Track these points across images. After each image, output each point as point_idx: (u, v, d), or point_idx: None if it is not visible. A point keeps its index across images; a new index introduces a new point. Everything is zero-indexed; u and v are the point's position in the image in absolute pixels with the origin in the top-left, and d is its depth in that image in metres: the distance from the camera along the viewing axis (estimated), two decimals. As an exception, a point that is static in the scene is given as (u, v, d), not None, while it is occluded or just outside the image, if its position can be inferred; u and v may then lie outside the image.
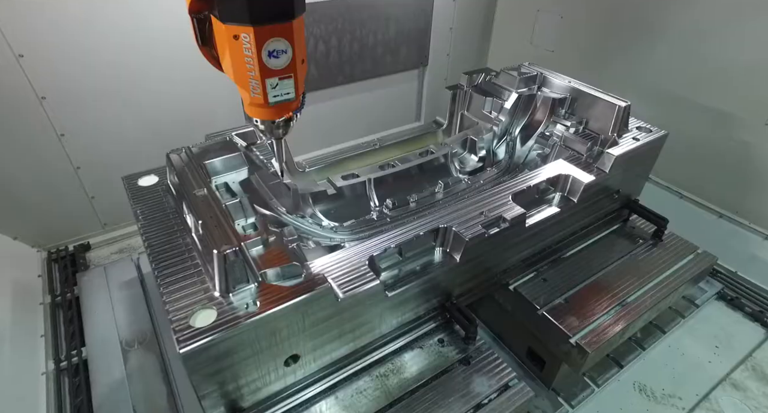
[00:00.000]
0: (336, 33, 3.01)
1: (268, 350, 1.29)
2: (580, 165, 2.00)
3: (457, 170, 2.28)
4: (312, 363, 1.46)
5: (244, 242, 1.40)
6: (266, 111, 1.40)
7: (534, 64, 2.45)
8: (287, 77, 1.36)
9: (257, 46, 1.24)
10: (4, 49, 2.10)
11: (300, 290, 1.27)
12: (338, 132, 3.50)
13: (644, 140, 2.06)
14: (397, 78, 3.58)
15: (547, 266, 2.10)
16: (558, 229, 2.04)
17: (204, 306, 1.19)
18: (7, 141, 2.32)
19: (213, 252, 1.19)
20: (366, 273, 1.43)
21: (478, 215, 1.70)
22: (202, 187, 1.43)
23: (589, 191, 1.95)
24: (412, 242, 1.60)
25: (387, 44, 3.29)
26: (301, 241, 1.66)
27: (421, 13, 3.32)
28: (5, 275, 2.33)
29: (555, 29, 3.33)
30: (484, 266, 1.83)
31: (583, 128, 2.20)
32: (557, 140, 2.19)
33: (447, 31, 3.56)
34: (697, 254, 2.22)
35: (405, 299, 1.59)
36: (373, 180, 2.01)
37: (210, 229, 1.27)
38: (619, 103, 2.07)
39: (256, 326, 1.19)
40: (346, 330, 1.47)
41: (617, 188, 2.15)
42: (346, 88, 3.36)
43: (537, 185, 1.90)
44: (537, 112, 2.33)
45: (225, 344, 1.15)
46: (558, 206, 1.92)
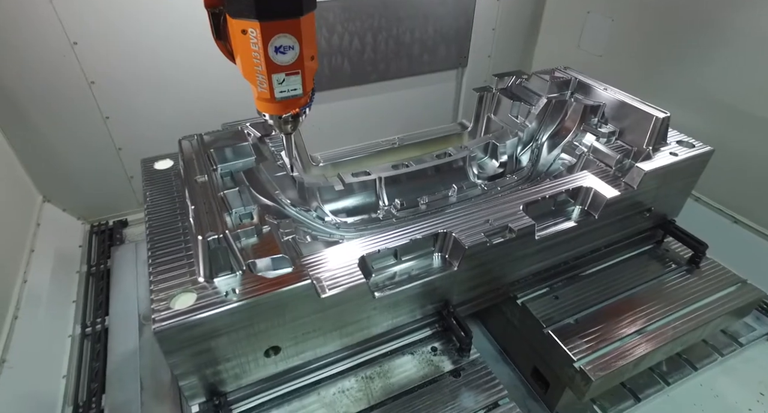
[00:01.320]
0: (371, 30, 3.00)
1: (247, 339, 1.30)
2: (606, 178, 1.86)
3: (474, 174, 2.20)
4: (294, 356, 1.47)
5: (237, 230, 1.43)
6: (273, 106, 1.42)
7: (570, 68, 2.31)
8: (294, 73, 1.37)
9: (264, 41, 1.26)
10: (61, 36, 2.28)
11: (282, 283, 1.28)
12: (371, 129, 3.50)
13: (683, 155, 1.88)
14: (434, 78, 3.52)
15: (563, 282, 1.98)
16: (576, 245, 1.91)
17: (185, 290, 1.23)
18: (60, 121, 2.53)
19: (198, 238, 1.22)
20: (354, 273, 1.41)
21: (484, 222, 1.63)
22: (204, 174, 1.48)
23: (612, 207, 1.82)
24: (409, 245, 1.56)
25: (424, 43, 3.24)
26: (299, 235, 1.67)
27: (461, 13, 3.23)
28: (51, 242, 2.55)
29: (605, 33, 3.12)
30: (489, 277, 1.76)
31: (615, 139, 2.04)
32: (585, 150, 2.05)
33: (489, 31, 3.45)
34: (741, 286, 2.00)
35: (396, 303, 1.56)
36: (383, 179, 1.99)
37: (200, 215, 1.30)
38: (657, 114, 1.90)
39: (232, 313, 1.21)
40: (330, 328, 1.47)
41: (649, 206, 1.98)
42: (381, 86, 3.35)
43: (554, 196, 1.79)
44: (567, 119, 2.19)
45: (200, 328, 1.18)
46: (576, 221, 1.80)
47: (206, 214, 1.32)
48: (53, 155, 2.61)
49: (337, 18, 2.84)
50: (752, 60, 2.39)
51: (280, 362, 1.45)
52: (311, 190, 1.88)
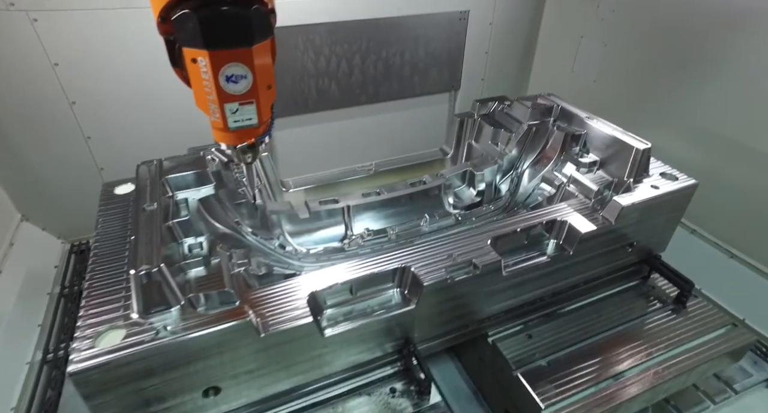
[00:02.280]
0: (359, 52, 2.98)
1: (181, 379, 1.23)
2: (583, 211, 1.78)
3: (450, 204, 2.12)
4: (237, 397, 1.39)
5: (183, 262, 1.38)
6: (227, 136, 1.38)
7: (554, 95, 2.24)
8: (248, 103, 1.33)
9: (213, 70, 1.23)
10: (42, 57, 2.30)
11: (219, 320, 1.21)
12: (360, 152, 3.45)
13: (665, 188, 1.79)
14: (425, 101, 3.48)
15: (538, 320, 1.88)
16: (551, 281, 1.81)
17: (114, 327, 1.16)
18: (41, 141, 2.53)
19: (130, 272, 1.17)
20: (301, 309, 1.34)
21: (447, 257, 1.55)
22: (154, 202, 1.44)
23: (588, 243, 1.72)
24: (366, 280, 1.49)
25: (415, 65, 3.21)
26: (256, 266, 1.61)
27: (453, 36, 3.20)
28: (24, 262, 2.52)
29: (597, 58, 3.06)
30: (455, 313, 1.67)
31: (597, 170, 1.96)
32: (564, 181, 1.97)
33: (482, 55, 3.41)
34: (732, 329, 1.87)
35: (351, 341, 1.48)
36: (351, 208, 1.93)
37: (138, 247, 1.25)
38: (637, 145, 1.82)
39: (161, 353, 1.14)
40: (276, 367, 1.39)
41: (631, 241, 1.88)
42: (370, 108, 3.31)
43: (526, 230, 1.71)
44: (549, 147, 2.12)
45: (123, 369, 1.11)
46: (550, 256, 1.71)
47: (145, 245, 1.27)
48: (33, 173, 2.61)
49: (323, 40, 2.84)
50: (749, 90, 2.30)
51: (222, 403, 1.37)
52: (274, 218, 1.83)
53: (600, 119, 2.02)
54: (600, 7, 2.95)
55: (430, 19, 3.04)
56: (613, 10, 2.88)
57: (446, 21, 3.10)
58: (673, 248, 2.18)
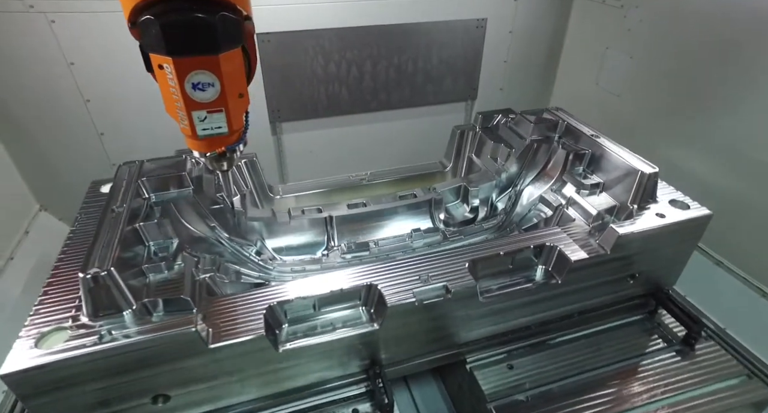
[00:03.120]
0: (371, 58, 2.94)
1: (126, 385, 1.22)
2: (578, 237, 1.65)
3: (440, 219, 2.03)
4: (189, 406, 1.36)
5: (144, 265, 1.37)
6: (197, 143, 1.37)
7: (562, 110, 2.11)
8: (217, 111, 1.31)
9: (178, 77, 1.22)
10: (59, 57, 2.40)
11: (164, 328, 1.19)
12: (370, 159, 3.42)
13: (673, 218, 1.63)
14: (440, 109, 3.40)
15: (523, 350, 1.75)
16: (539, 309, 1.69)
17: (60, 328, 1.17)
18: (58, 136, 2.65)
19: (79, 275, 1.17)
20: (256, 322, 1.30)
21: (417, 278, 1.47)
22: (124, 203, 1.44)
23: (580, 272, 1.59)
24: (332, 295, 1.43)
25: (428, 73, 3.14)
26: (228, 273, 1.59)
27: (470, 43, 3.11)
28: (36, 249, 2.64)
29: (623, 71, 2.88)
30: (429, 337, 1.58)
31: (600, 192, 1.82)
32: (563, 202, 1.84)
33: (501, 64, 3.29)
34: (745, 380, 1.68)
35: (310, 358, 1.42)
36: (334, 218, 1.88)
37: (92, 249, 1.25)
38: (643, 168, 1.67)
39: (101, 358, 1.13)
40: (231, 380, 1.35)
41: (632, 272, 1.72)
42: (382, 115, 3.27)
43: (511, 254, 1.60)
44: (551, 166, 1.99)
45: (61, 373, 1.11)
46: (536, 284, 1.60)
47: (103, 247, 1.27)
48: (51, 166, 2.73)
49: (333, 46, 2.82)
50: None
51: (173, 412, 1.35)
52: (252, 225, 1.80)
53: (607, 138, 1.88)
54: (627, 16, 2.77)
55: (445, 26, 2.96)
56: (640, 20, 2.70)
57: (463, 28, 3.01)
58: (692, 281, 2.00)
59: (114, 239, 1.29)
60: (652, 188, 1.69)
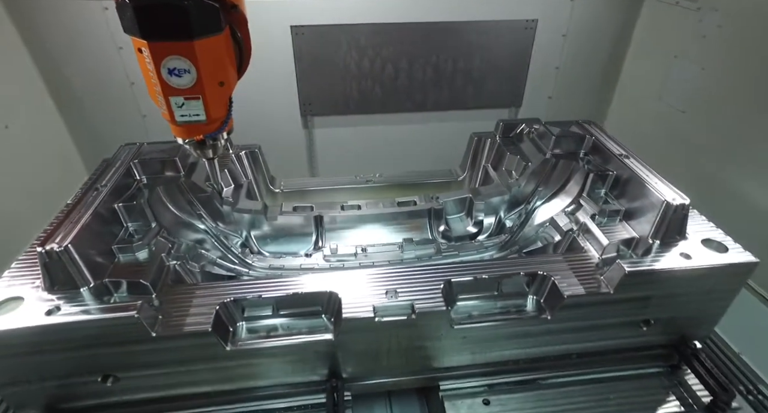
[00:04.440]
0: (407, 56, 2.83)
1: (73, 361, 1.24)
2: (581, 269, 1.44)
3: (439, 231, 1.88)
4: (138, 390, 1.37)
5: (114, 246, 1.40)
6: (176, 129, 1.39)
7: (594, 123, 1.87)
8: (194, 98, 1.30)
9: (155, 62, 1.23)
10: (109, 42, 2.57)
11: (108, 311, 1.19)
12: (401, 160, 3.32)
13: (701, 261, 1.36)
14: (480, 114, 3.20)
15: (508, 386, 1.57)
16: (527, 344, 1.50)
17: (16, 298, 1.21)
18: (108, 115, 2.85)
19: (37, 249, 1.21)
20: (206, 315, 1.27)
21: (385, 293, 1.36)
22: (109, 182, 1.49)
23: (575, 309, 1.39)
24: (288, 299, 1.37)
25: (469, 75, 2.97)
26: (205, 262, 1.58)
27: (516, 45, 2.89)
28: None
29: (692, 84, 2.51)
30: (396, 356, 1.46)
31: (620, 220, 1.58)
32: (574, 228, 1.62)
33: (551, 70, 3.03)
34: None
35: (263, 360, 1.37)
36: (325, 219, 1.81)
37: (60, 224, 1.29)
38: (669, 197, 1.41)
39: (43, 332, 1.16)
40: (180, 370, 1.34)
41: (645, 318, 1.48)
42: (417, 116, 3.15)
43: (497, 279, 1.43)
44: (571, 185, 1.77)
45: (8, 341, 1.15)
46: (523, 316, 1.42)
47: (71, 223, 1.31)
48: (100, 140, 2.95)
49: (368, 41, 2.75)
50: None
51: (123, 393, 1.36)
52: (240, 217, 1.78)
53: (638, 159, 1.62)
54: (703, 21, 2.41)
55: (490, 26, 2.78)
56: (718, 26, 2.33)
57: (509, 29, 2.80)
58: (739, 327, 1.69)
59: (84, 216, 1.33)
60: (680, 223, 1.43)
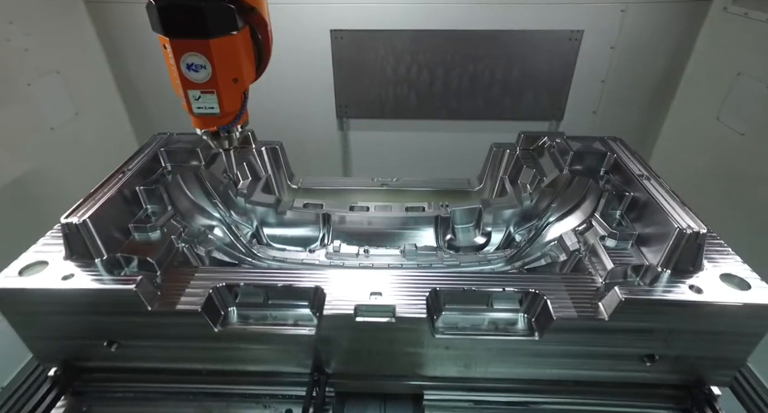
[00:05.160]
0: (443, 64, 2.83)
1: (80, 324, 1.37)
2: (579, 292, 1.37)
3: (444, 240, 1.85)
4: (139, 358, 1.48)
5: (131, 224, 1.54)
6: (194, 120, 1.49)
7: (620, 140, 1.77)
8: (209, 92, 1.41)
9: (175, 57, 1.34)
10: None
11: (110, 282, 1.31)
12: (435, 167, 3.31)
13: (715, 297, 1.24)
14: (517, 126, 3.07)
15: (496, 405, 1.52)
16: (517, 364, 1.45)
17: (43, 263, 1.36)
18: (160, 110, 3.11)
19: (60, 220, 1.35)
20: (200, 297, 1.35)
21: (371, 293, 1.37)
22: (134, 167, 1.63)
23: (567, 333, 1.32)
24: (278, 290, 1.42)
25: (507, 86, 2.90)
26: (212, 247, 1.68)
27: (559, 57, 2.78)
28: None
29: (755, 104, 2.29)
30: (380, 358, 1.47)
31: (631, 245, 1.48)
32: (581, 249, 1.54)
33: (597, 83, 2.88)
34: None
35: (250, 345, 1.43)
36: (332, 218, 1.85)
37: (84, 201, 1.44)
38: (683, 224, 1.31)
39: (48, 297, 1.29)
40: (174, 345, 1.43)
41: (648, 352, 1.37)
42: (451, 124, 3.13)
43: (488, 293, 1.40)
44: (586, 203, 1.68)
45: (20, 298, 1.29)
46: (511, 334, 1.37)
47: (94, 200, 1.45)
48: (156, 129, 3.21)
49: (405, 47, 2.77)
50: None
51: (126, 359, 1.48)
52: (253, 208, 1.87)
53: (660, 183, 1.51)
54: (770, 37, 2.19)
55: (531, 36, 2.71)
56: (787, 43, 2.11)
57: (552, 40, 2.71)
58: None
59: (105, 195, 1.47)
60: (694, 253, 1.31)
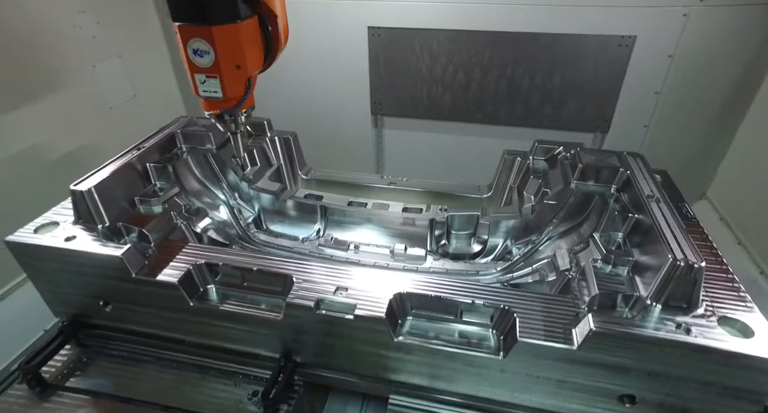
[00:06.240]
0: (480, 66, 2.73)
1: (78, 283, 1.50)
2: (556, 315, 1.27)
3: (437, 244, 1.79)
4: (125, 320, 1.59)
5: (136, 197, 1.67)
6: (202, 103, 1.58)
7: (641, 156, 1.60)
8: (212, 77, 1.49)
9: (182, 41, 1.44)
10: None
11: (101, 247, 1.43)
12: (466, 171, 3.22)
13: (702, 341, 1.09)
14: (557, 136, 2.91)
15: (461, 411, 1.46)
16: (484, 383, 1.37)
17: (54, 223, 1.52)
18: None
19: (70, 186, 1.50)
20: (180, 271, 1.43)
21: (336, 288, 1.38)
22: (151, 144, 1.76)
23: (531, 356, 1.23)
24: (255, 274, 1.47)
25: (547, 92, 2.74)
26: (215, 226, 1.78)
27: (606, 64, 2.57)
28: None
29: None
30: (345, 354, 1.46)
31: (628, 272, 1.33)
32: (572, 269, 1.42)
33: (650, 95, 2.63)
34: None
35: (223, 322, 1.49)
36: (327, 210, 1.86)
37: (96, 171, 1.58)
38: (677, 255, 1.15)
39: (52, 254, 1.43)
40: (155, 311, 1.52)
41: (626, 393, 1.23)
42: (486, 129, 3.02)
43: (458, 305, 1.34)
44: (588, 221, 1.54)
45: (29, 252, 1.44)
46: (471, 347, 1.31)
47: (105, 172, 1.59)
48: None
49: (441, 47, 2.72)
50: None
51: (118, 320, 1.61)
52: (256, 194, 1.93)
53: (669, 207, 1.35)
54: None
55: (576, 40, 2.53)
56: None
57: (599, 45, 2.52)
58: None
59: (113, 169, 1.61)
60: (689, 288, 1.16)
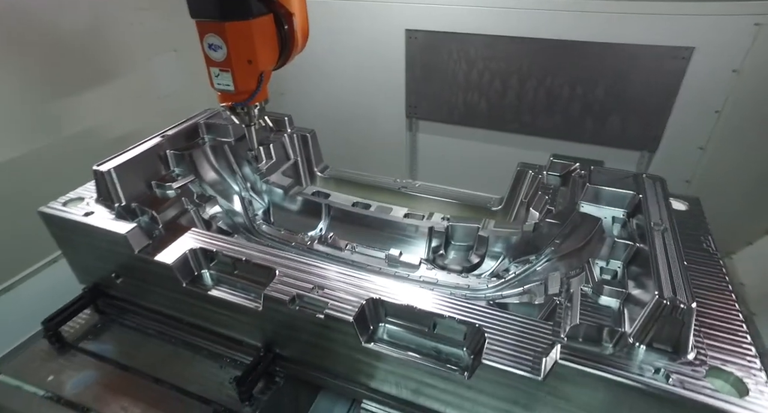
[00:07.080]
0: (518, 73, 2.62)
1: (93, 254, 1.65)
2: (531, 341, 1.19)
3: (434, 253, 1.73)
4: (132, 295, 1.71)
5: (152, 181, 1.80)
6: (217, 95, 1.68)
7: (661, 180, 1.45)
8: (225, 71, 1.58)
9: (200, 36, 1.54)
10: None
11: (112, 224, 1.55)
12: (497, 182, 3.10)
13: (680, 391, 0.97)
14: (598, 152, 2.74)
15: None
16: (455, 403, 1.32)
17: (80, 197, 1.68)
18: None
19: (93, 167, 1.65)
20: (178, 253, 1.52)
21: (313, 287, 1.39)
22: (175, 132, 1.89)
23: (495, 380, 1.17)
24: (248, 265, 1.52)
25: (588, 105, 2.57)
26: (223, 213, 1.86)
27: (658, 78, 2.35)
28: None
29: None
30: (324, 354, 1.47)
31: (619, 305, 1.22)
32: (561, 294, 1.32)
33: (709, 114, 2.37)
34: None
35: (212, 307, 1.56)
36: (331, 209, 1.87)
37: (119, 154, 1.72)
38: (664, 293, 1.03)
39: (74, 226, 1.57)
40: (154, 288, 1.62)
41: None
42: (522, 140, 2.89)
43: (432, 315, 1.30)
44: (590, 245, 1.42)
45: (55, 222, 1.60)
46: (437, 363, 1.27)
47: (127, 155, 1.72)
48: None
49: (478, 53, 2.64)
50: None
51: (130, 295, 1.73)
52: (269, 188, 2.00)
53: (675, 240, 1.21)
54: None
55: (624, 50, 2.35)
56: None
57: (652, 56, 2.33)
58: None
59: (135, 153, 1.74)
60: (675, 331, 1.03)
